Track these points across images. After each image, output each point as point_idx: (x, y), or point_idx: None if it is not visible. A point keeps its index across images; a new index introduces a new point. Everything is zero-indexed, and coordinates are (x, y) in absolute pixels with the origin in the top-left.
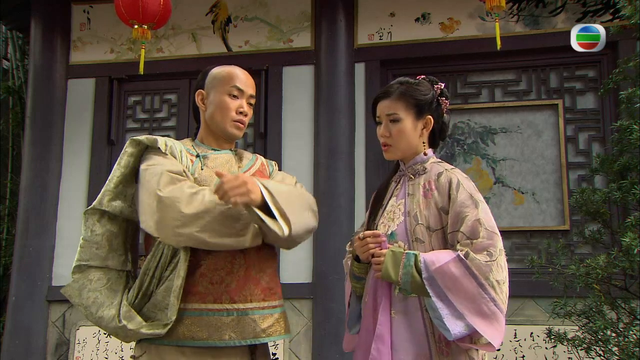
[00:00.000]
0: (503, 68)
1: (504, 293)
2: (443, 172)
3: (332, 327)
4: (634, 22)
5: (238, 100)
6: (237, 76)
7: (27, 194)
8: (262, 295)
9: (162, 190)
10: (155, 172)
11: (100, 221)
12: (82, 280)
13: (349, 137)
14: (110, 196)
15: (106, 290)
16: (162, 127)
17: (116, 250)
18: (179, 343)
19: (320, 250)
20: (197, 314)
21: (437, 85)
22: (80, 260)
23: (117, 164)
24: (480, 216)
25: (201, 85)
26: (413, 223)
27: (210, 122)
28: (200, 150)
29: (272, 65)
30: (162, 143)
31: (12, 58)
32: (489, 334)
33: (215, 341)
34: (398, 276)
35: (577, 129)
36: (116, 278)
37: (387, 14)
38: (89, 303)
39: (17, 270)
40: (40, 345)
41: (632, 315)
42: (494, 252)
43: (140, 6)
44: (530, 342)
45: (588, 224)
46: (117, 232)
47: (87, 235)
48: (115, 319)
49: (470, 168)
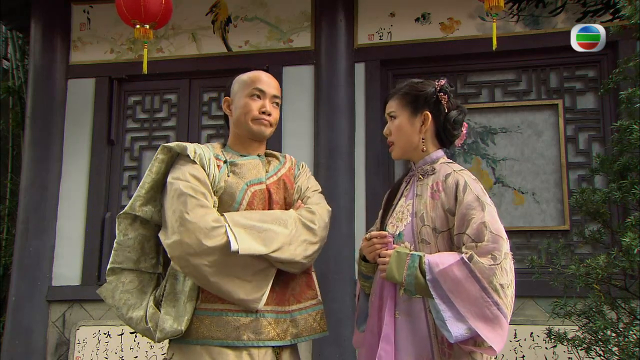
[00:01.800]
0: (503, 68)
1: (509, 297)
2: (451, 174)
3: (332, 327)
4: (634, 22)
5: (260, 101)
6: (259, 78)
7: (27, 194)
8: (291, 298)
9: (189, 214)
10: (182, 191)
11: (133, 225)
12: (115, 282)
13: (349, 137)
14: (142, 201)
15: (137, 292)
16: (162, 127)
17: (148, 254)
18: (199, 342)
19: (321, 250)
20: (217, 314)
21: (437, 82)
22: (114, 263)
23: (149, 170)
24: (486, 219)
25: (227, 93)
26: (419, 224)
27: (236, 126)
28: (228, 156)
29: (272, 65)
30: (192, 151)
31: (12, 58)
32: (490, 338)
33: (234, 341)
34: (402, 277)
35: (577, 129)
36: (148, 280)
37: (387, 14)
38: (121, 304)
39: (17, 270)
40: (40, 345)
41: (632, 315)
42: (498, 256)
43: (141, 6)
44: (530, 342)
45: (588, 224)
46: (149, 236)
47: (120, 238)
48: (143, 320)
49: (470, 168)
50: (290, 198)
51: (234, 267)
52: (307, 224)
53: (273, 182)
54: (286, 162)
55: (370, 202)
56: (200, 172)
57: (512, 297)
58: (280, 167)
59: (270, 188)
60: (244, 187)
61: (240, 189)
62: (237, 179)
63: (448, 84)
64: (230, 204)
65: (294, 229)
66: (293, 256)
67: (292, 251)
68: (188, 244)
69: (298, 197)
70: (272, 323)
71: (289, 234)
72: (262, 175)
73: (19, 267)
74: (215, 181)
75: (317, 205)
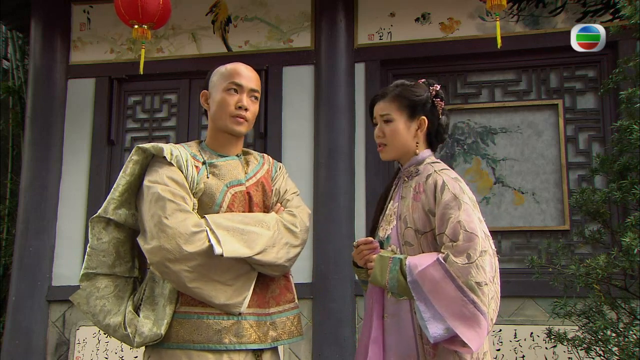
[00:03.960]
0: (503, 68)
1: (487, 295)
2: (432, 174)
3: (332, 327)
4: (634, 22)
5: (237, 95)
6: (236, 71)
7: (27, 194)
8: (270, 300)
9: (168, 219)
10: (160, 195)
11: (107, 229)
12: (90, 288)
13: (349, 137)
14: (116, 204)
15: (113, 298)
16: (162, 127)
17: (123, 258)
18: (180, 346)
19: (320, 251)
20: (197, 317)
21: (432, 87)
22: (88, 268)
23: (123, 172)
24: (461, 218)
25: (205, 86)
26: (403, 226)
27: (214, 121)
28: (206, 156)
29: (272, 65)
30: (168, 152)
31: (12, 58)
32: (467, 337)
33: (216, 345)
34: (385, 281)
35: (577, 129)
36: (123, 285)
37: (387, 14)
38: (97, 311)
39: (17, 270)
40: (40, 345)
41: (632, 315)
42: (473, 254)
43: (139, 6)
44: (530, 342)
45: (588, 224)
46: (124, 240)
47: (94, 243)
48: (122, 326)
49: (470, 168)
50: (269, 201)
51: (215, 271)
52: (289, 227)
53: (252, 184)
54: (264, 164)
55: (370, 202)
56: (178, 174)
57: (493, 294)
58: (258, 168)
59: (250, 190)
60: (224, 189)
61: (220, 190)
62: (216, 180)
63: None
64: (210, 205)
65: (276, 231)
66: (276, 259)
67: (275, 254)
68: (168, 250)
69: (277, 200)
70: (253, 326)
71: (272, 237)
72: (242, 177)
73: (19, 267)
74: (193, 183)
75: (298, 208)
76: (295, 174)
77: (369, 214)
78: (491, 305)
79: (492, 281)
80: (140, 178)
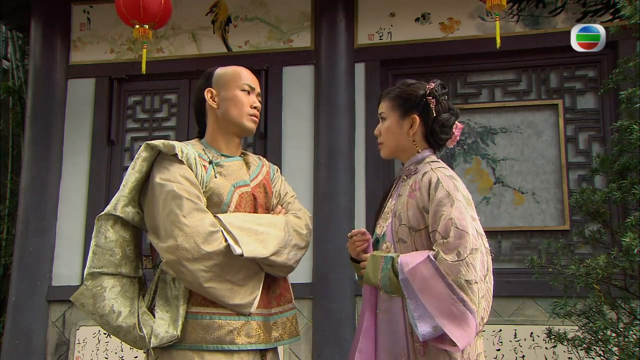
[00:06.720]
0: (503, 68)
1: (476, 293)
2: (427, 172)
3: (332, 327)
4: (634, 22)
5: (250, 96)
6: (246, 74)
7: (27, 194)
8: (272, 301)
9: (185, 217)
10: (177, 193)
11: (114, 227)
12: (96, 289)
13: (349, 137)
14: (125, 202)
15: (121, 299)
16: (162, 127)
17: (129, 257)
18: (192, 347)
19: (320, 251)
20: (209, 317)
21: (428, 85)
22: (93, 267)
23: (131, 169)
24: (453, 215)
25: (208, 84)
26: (397, 224)
27: (224, 119)
28: (211, 155)
29: (272, 66)
30: (179, 150)
31: (12, 58)
32: (455, 335)
33: (229, 345)
34: (377, 279)
35: (577, 129)
36: (129, 285)
37: (387, 14)
38: (105, 312)
39: (17, 270)
40: (40, 345)
41: (632, 315)
42: (463, 252)
43: (141, 6)
44: (530, 342)
45: (588, 224)
46: (129, 239)
47: (101, 241)
48: (136, 327)
49: (470, 168)
50: (270, 202)
51: (229, 271)
52: (297, 229)
53: (256, 185)
54: (263, 166)
55: (370, 202)
56: (190, 173)
57: (484, 293)
58: (259, 170)
59: (254, 191)
60: (232, 189)
61: (227, 190)
62: (223, 180)
63: (441, 87)
64: (219, 205)
65: (287, 233)
66: (287, 260)
67: (286, 255)
68: (186, 249)
69: (277, 202)
70: (261, 326)
71: (284, 238)
72: (247, 178)
73: (19, 267)
74: (203, 182)
75: (301, 211)
76: (295, 174)
77: (369, 214)
78: (481, 304)
79: (483, 280)
80: (147, 175)
